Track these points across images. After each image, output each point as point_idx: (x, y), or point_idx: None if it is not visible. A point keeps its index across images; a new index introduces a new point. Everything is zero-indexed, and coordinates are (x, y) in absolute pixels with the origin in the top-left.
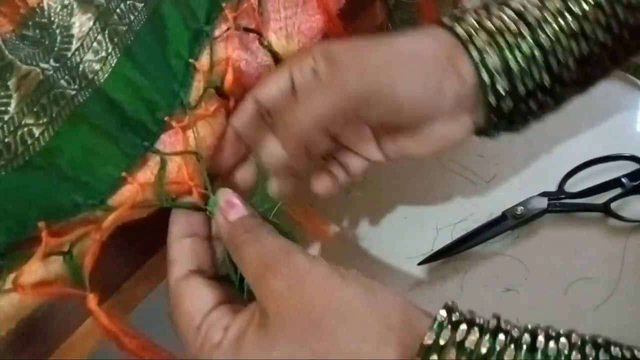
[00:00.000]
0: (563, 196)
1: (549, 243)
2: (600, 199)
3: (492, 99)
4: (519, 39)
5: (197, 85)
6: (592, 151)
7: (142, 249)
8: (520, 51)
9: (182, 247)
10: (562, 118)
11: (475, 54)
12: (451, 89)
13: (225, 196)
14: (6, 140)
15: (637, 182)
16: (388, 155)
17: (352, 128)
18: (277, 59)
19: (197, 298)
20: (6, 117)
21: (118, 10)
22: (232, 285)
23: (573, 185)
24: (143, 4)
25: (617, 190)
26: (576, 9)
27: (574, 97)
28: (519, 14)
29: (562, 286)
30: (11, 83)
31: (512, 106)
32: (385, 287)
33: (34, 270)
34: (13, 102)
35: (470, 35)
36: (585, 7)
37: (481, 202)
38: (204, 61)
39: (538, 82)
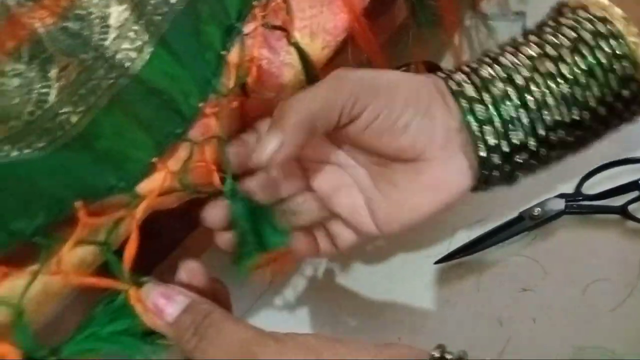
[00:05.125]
0: (580, 198)
1: (566, 244)
2: (618, 201)
3: (475, 128)
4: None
5: (226, 80)
6: (611, 153)
7: (162, 243)
8: (504, 103)
9: None
10: None
11: (454, 87)
12: (441, 117)
13: (149, 297)
14: (46, 126)
15: None
16: (380, 225)
17: (344, 193)
18: (303, 57)
19: None
20: (46, 106)
21: (152, 1)
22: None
23: (591, 187)
24: None
25: (635, 193)
26: (568, 75)
27: (565, 158)
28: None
29: (579, 287)
30: (52, 74)
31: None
32: None
33: (73, 252)
34: (53, 92)
35: (451, 77)
36: (579, 74)
37: (498, 203)
38: (233, 56)
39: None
